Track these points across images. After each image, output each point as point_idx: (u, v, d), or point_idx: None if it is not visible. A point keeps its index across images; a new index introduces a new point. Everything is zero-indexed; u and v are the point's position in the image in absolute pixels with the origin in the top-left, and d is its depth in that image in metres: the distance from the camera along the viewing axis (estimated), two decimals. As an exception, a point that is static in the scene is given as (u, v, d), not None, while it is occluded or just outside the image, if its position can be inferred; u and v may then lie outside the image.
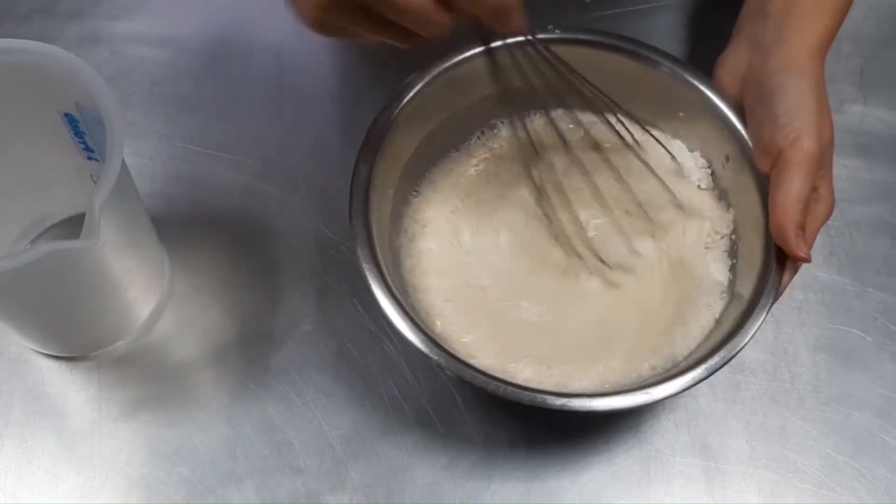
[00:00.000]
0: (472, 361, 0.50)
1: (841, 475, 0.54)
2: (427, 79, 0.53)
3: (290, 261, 0.59)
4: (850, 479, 0.54)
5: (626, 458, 0.54)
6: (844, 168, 0.63)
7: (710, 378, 0.55)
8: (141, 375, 0.55)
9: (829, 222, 0.59)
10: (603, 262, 0.53)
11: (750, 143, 0.52)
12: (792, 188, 0.48)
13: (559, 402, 0.46)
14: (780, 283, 0.48)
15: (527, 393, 0.46)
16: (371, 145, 0.51)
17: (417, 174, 0.56)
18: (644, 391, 0.46)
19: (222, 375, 0.55)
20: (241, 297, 0.58)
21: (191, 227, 0.60)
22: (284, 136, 0.63)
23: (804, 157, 0.48)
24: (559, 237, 0.54)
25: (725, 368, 0.55)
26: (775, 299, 0.48)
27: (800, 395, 0.56)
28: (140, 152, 0.62)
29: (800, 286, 0.59)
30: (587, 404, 0.46)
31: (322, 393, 0.55)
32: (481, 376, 0.46)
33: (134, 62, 0.66)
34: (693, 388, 0.55)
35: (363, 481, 0.53)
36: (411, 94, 0.53)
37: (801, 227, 0.48)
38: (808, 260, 0.47)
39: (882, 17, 0.70)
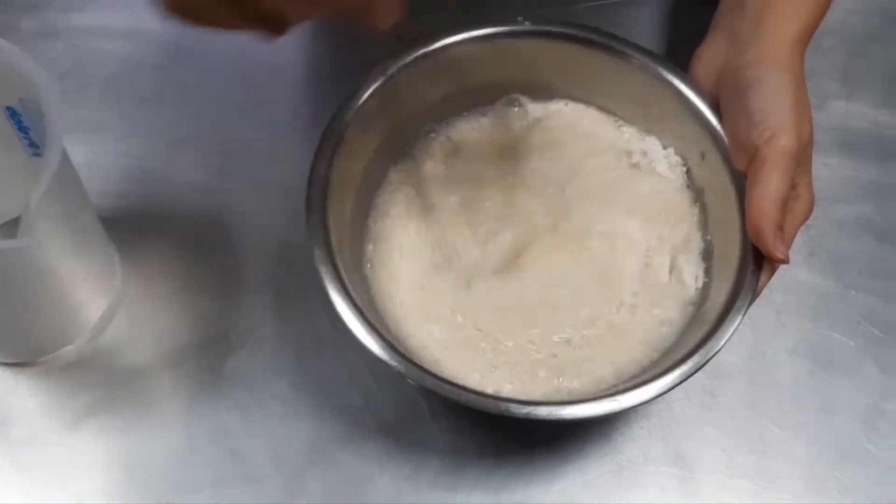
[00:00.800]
0: (437, 367, 0.48)
1: (822, 485, 0.52)
2: (390, 73, 0.51)
3: (250, 262, 0.56)
4: (831, 490, 0.51)
5: (599, 468, 0.52)
6: (827, 167, 0.61)
7: (685, 384, 0.53)
8: (92, 381, 0.53)
9: (811, 222, 0.58)
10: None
11: (726, 139, 0.50)
12: (769, 187, 0.46)
13: (524, 410, 0.44)
14: (756, 284, 0.46)
15: (490, 401, 0.44)
16: (330, 141, 0.49)
17: (380, 173, 0.54)
18: (613, 399, 0.44)
19: (177, 381, 0.53)
20: (198, 300, 0.55)
21: (146, 226, 0.57)
22: (247, 133, 0.61)
23: (782, 155, 0.46)
24: (523, 228, 0.52)
25: (700, 374, 0.53)
26: (751, 301, 0.46)
27: (779, 401, 0.54)
28: (94, 149, 0.60)
29: (779, 288, 0.57)
30: (554, 413, 0.44)
31: (280, 400, 0.52)
32: (444, 384, 0.44)
33: (91, 56, 0.63)
34: (667, 395, 0.53)
35: (322, 492, 0.50)
36: (373, 88, 0.51)
37: (779, 227, 0.45)
38: (786, 261, 0.45)
39: (867, 11, 0.68)
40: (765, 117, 0.47)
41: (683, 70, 0.52)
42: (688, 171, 0.53)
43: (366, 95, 0.50)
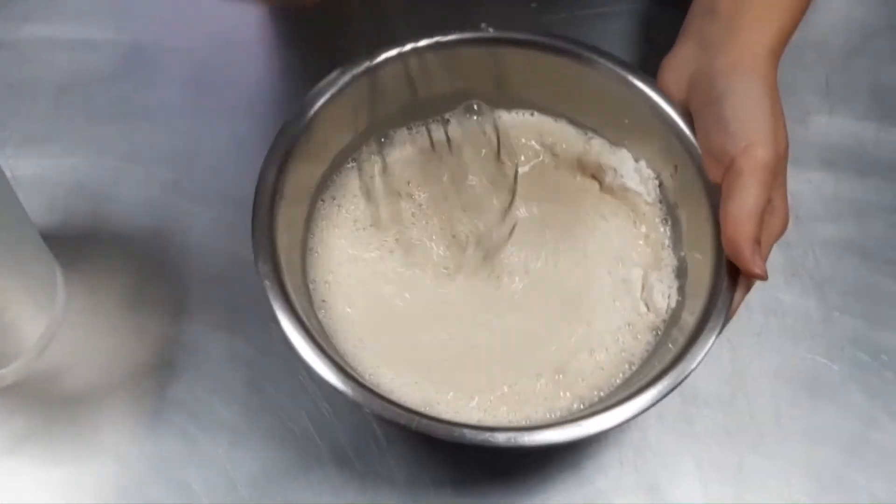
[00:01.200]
0: (391, 391, 0.44)
1: (804, 518, 0.48)
2: (347, 79, 0.49)
3: (199, 282, 0.53)
4: (814, 523, 0.48)
5: (566, 499, 0.49)
6: (809, 183, 0.59)
7: (659, 409, 0.50)
8: (28, 405, 0.50)
9: (792, 241, 0.56)
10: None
11: (699, 150, 0.47)
12: (746, 200, 0.43)
13: (481, 436, 0.40)
14: (731, 302, 0.43)
15: (443, 426, 0.41)
16: (280, 150, 0.46)
17: (338, 184, 0.51)
18: (576, 424, 0.40)
19: (118, 407, 0.50)
20: (144, 321, 0.52)
21: (92, 244, 0.54)
22: (199, 147, 0.58)
23: (758, 167, 0.43)
24: (478, 243, 0.49)
25: (676, 399, 0.51)
26: (726, 321, 0.43)
27: (759, 429, 0.51)
28: (42, 163, 0.57)
29: (759, 309, 0.54)
30: (514, 439, 0.40)
31: (227, 428, 0.49)
32: (393, 408, 0.41)
33: (41, 68, 0.61)
34: (640, 421, 0.50)
35: (269, 527, 0.47)
36: (329, 95, 0.48)
37: (757, 242, 0.43)
38: (764, 277, 0.42)
39: (848, 26, 0.66)
40: (740, 127, 0.44)
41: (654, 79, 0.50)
42: (660, 185, 0.51)
43: (318, 105, 0.48)
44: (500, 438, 0.40)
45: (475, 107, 0.51)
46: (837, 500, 0.49)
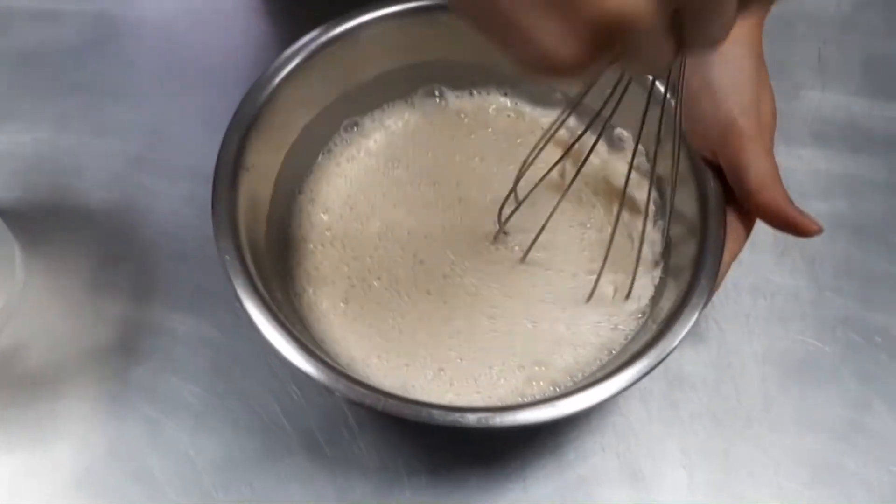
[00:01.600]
0: (366, 376, 0.42)
1: (794, 507, 0.46)
2: (315, 47, 0.46)
3: (164, 261, 0.51)
4: (804, 512, 0.46)
5: (544, 486, 0.46)
6: (800, 159, 0.56)
7: (643, 393, 0.49)
8: (-17, 390, 0.47)
9: None
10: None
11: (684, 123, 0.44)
12: (762, 166, 0.41)
13: (450, 417, 0.38)
14: (716, 276, 0.41)
15: (411, 406, 0.38)
16: (244, 119, 0.44)
17: (306, 158, 0.49)
18: (551, 404, 0.38)
19: (77, 391, 0.48)
20: (105, 302, 0.50)
21: (52, 221, 0.52)
22: (166, 121, 0.56)
23: (757, 132, 0.42)
24: (462, 217, 0.47)
25: (661, 383, 0.49)
26: (710, 296, 0.41)
27: (747, 414, 0.49)
28: (3, 138, 0.55)
29: (748, 290, 0.52)
30: (485, 420, 0.38)
31: (191, 413, 0.47)
32: (360, 389, 0.38)
33: (3, 40, 0.58)
34: (622, 405, 0.48)
35: (234, 516, 0.45)
36: (297, 62, 0.46)
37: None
38: (821, 228, 0.41)
39: (842, -1, 0.63)
40: (731, 94, 0.42)
41: None
42: (646, 159, 0.48)
43: (286, 72, 0.45)
44: (471, 419, 0.38)
45: (436, 92, 0.48)
46: (829, 488, 0.47)
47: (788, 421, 0.49)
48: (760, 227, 0.54)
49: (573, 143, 0.45)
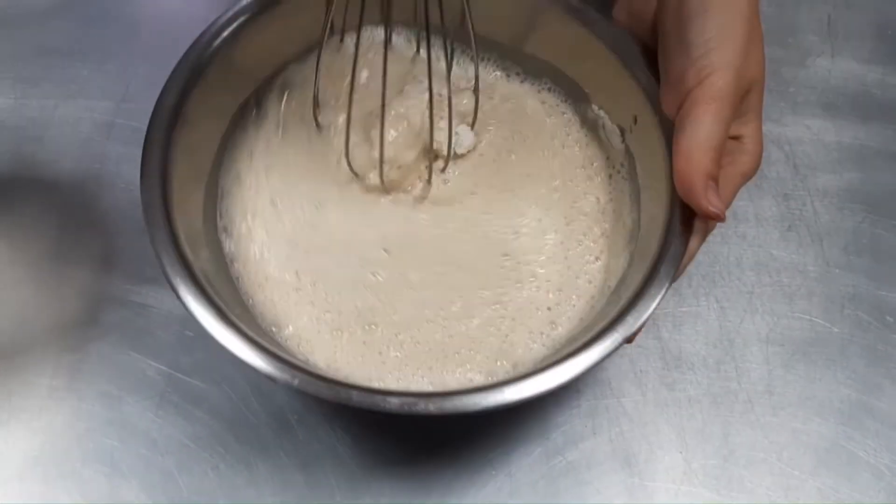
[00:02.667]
0: (312, 359, 0.39)
1: (798, 494, 0.44)
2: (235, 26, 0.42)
3: (129, 232, 0.48)
4: (808, 500, 0.43)
5: (530, 473, 0.43)
6: (808, 129, 0.53)
7: (637, 373, 0.46)
8: (-66, 367, 0.45)
9: (788, 191, 0.51)
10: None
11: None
12: (699, 132, 0.37)
13: (370, 399, 0.34)
14: (684, 250, 0.37)
15: (331, 387, 0.34)
16: (182, 73, 0.41)
17: (248, 126, 0.45)
18: (498, 390, 0.34)
19: (34, 365, 0.45)
20: (67, 273, 0.47)
21: (14, 189, 0.50)
22: (138, 84, 0.53)
23: (714, 97, 0.37)
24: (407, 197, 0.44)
25: (656, 363, 0.46)
26: (679, 272, 0.37)
27: (748, 396, 0.45)
28: (-35, 103, 0.52)
29: (751, 266, 0.49)
30: (408, 406, 0.34)
31: (154, 391, 0.44)
32: (276, 363, 0.34)
33: (-30, 2, 0.55)
34: (615, 386, 0.45)
35: (195, 499, 0.42)
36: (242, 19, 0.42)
37: (712, 178, 0.37)
38: (721, 217, 0.37)
39: (853, -37, 0.60)
40: (704, 53, 0.38)
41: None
42: (622, 139, 0.45)
43: (240, 21, 0.42)
44: (393, 403, 0.34)
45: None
46: (835, 475, 0.44)
47: (793, 404, 0.46)
48: (766, 199, 0.51)
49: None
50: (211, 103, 0.41)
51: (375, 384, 0.39)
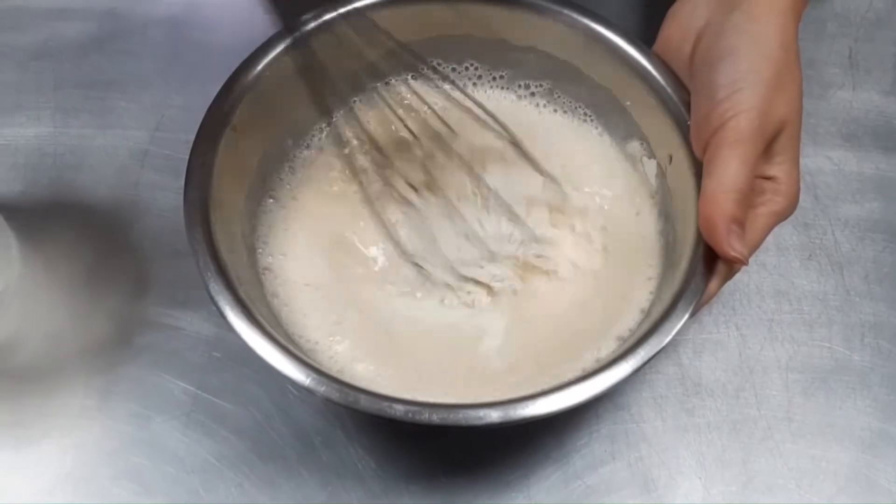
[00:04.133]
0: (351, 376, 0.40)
1: (818, 523, 0.43)
2: (294, 37, 0.44)
3: (162, 256, 0.50)
4: (828, 529, 0.43)
5: (549, 496, 0.44)
6: (829, 160, 0.54)
7: (657, 399, 0.46)
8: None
9: (809, 220, 0.51)
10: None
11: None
12: (722, 174, 0.38)
13: (378, 405, 0.35)
14: (703, 289, 0.38)
15: (342, 389, 0.35)
16: (215, 122, 0.42)
17: (284, 153, 0.47)
18: (501, 407, 0.35)
19: (67, 385, 0.46)
20: (100, 297, 0.49)
21: (53, 214, 0.51)
22: (171, 116, 0.55)
23: (738, 138, 0.38)
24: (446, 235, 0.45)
25: (677, 388, 0.47)
26: (695, 310, 0.38)
27: (768, 423, 0.46)
28: (5, 132, 0.54)
29: (772, 294, 0.49)
30: (413, 415, 0.35)
31: (182, 411, 0.45)
32: (294, 361, 0.36)
33: (14, 36, 0.58)
34: (635, 411, 0.46)
35: (222, 519, 0.43)
36: (271, 57, 0.44)
37: (736, 222, 0.37)
38: (742, 261, 0.37)
39: (874, -4, 0.61)
40: (728, 95, 0.39)
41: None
42: (658, 174, 0.45)
43: (261, 65, 0.44)
44: (398, 410, 0.35)
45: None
46: (855, 502, 0.44)
47: (812, 431, 0.46)
48: (787, 228, 0.51)
49: None
50: (241, 147, 0.43)
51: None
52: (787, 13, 0.41)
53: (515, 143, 0.46)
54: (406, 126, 0.46)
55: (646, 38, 0.45)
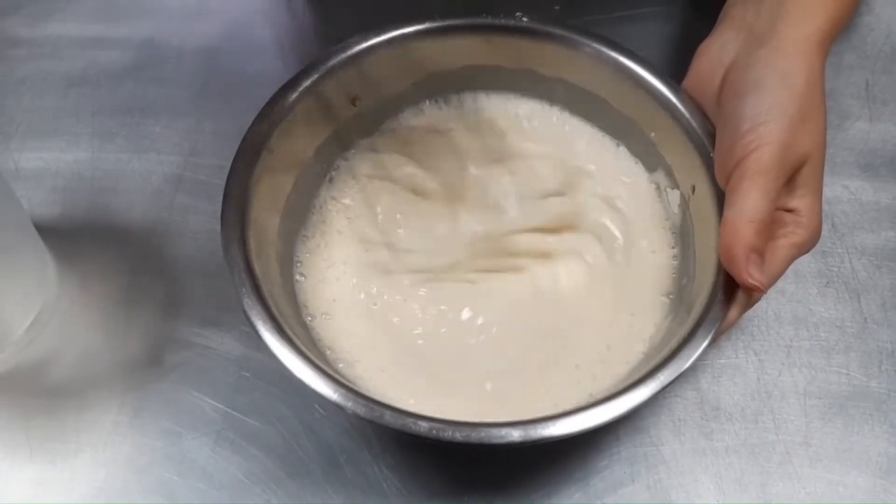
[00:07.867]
0: (380, 393, 0.42)
1: (835, 548, 0.44)
2: (329, 66, 0.46)
3: (194, 277, 0.51)
4: (846, 554, 0.44)
5: (570, 517, 0.45)
6: (846, 190, 0.55)
7: (676, 422, 0.47)
8: (8, 399, 0.48)
9: (827, 249, 0.52)
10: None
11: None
12: (743, 204, 0.39)
13: (401, 421, 0.36)
14: (723, 317, 0.39)
15: (368, 404, 0.37)
16: (252, 146, 0.44)
17: (320, 176, 0.48)
18: (522, 427, 0.36)
19: (101, 402, 0.48)
20: (134, 316, 0.50)
21: (88, 236, 0.53)
22: (204, 142, 0.56)
23: (760, 170, 0.39)
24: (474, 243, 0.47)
25: (695, 413, 0.47)
26: (715, 337, 0.39)
27: (785, 447, 0.46)
28: (44, 156, 0.56)
29: (790, 320, 0.50)
30: (437, 432, 0.36)
31: (212, 428, 0.47)
32: (326, 379, 0.38)
33: (52, 64, 0.60)
34: (654, 434, 0.47)
35: (250, 535, 0.44)
36: (306, 84, 0.46)
37: (756, 251, 0.39)
38: (760, 289, 0.38)
39: (890, 28, 0.62)
40: (753, 127, 0.40)
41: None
42: (681, 205, 0.47)
43: (297, 92, 0.45)
44: (422, 427, 0.36)
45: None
46: (872, 528, 0.44)
47: (830, 456, 0.46)
48: (805, 256, 0.52)
49: None
50: (276, 171, 0.44)
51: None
52: (815, 50, 0.42)
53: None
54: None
55: (673, 73, 0.46)
